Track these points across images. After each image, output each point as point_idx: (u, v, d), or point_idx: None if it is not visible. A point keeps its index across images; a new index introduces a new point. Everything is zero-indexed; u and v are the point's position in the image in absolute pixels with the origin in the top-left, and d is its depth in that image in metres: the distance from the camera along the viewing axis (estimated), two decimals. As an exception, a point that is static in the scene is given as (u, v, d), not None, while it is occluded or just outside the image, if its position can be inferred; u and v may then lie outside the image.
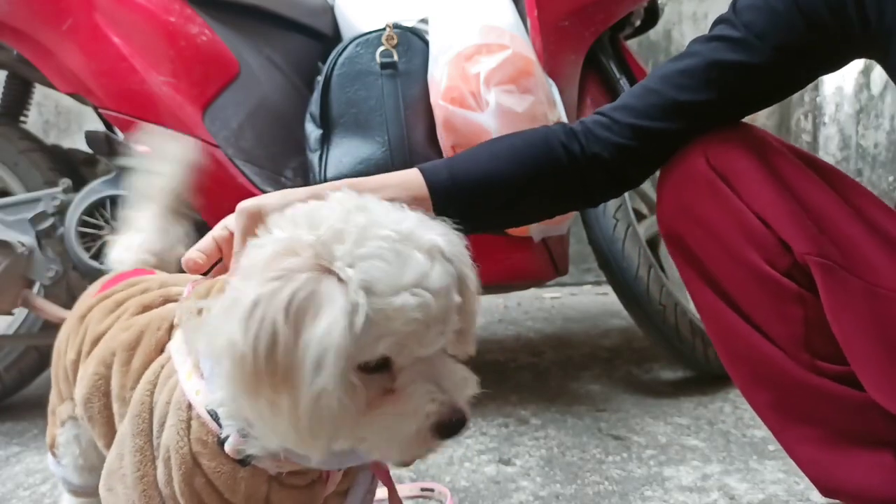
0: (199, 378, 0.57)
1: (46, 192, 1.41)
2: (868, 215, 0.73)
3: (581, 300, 2.73)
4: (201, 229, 0.78)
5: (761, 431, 1.33)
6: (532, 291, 2.79)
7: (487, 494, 1.11)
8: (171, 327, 0.65)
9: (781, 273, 0.73)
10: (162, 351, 0.64)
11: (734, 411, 1.44)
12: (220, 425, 0.55)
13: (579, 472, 1.18)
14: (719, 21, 0.80)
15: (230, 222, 0.65)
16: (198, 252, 0.65)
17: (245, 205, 0.64)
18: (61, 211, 1.38)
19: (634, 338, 2.03)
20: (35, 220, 1.39)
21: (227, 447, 0.55)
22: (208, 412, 0.56)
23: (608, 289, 1.67)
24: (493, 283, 1.49)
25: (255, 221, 0.61)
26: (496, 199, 0.78)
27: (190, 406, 0.56)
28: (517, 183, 0.78)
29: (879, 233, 0.72)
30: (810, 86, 2.78)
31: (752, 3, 0.78)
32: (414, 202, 0.70)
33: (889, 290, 0.69)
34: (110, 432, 0.66)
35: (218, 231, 0.66)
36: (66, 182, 1.41)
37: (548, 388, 1.64)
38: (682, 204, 0.78)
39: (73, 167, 1.55)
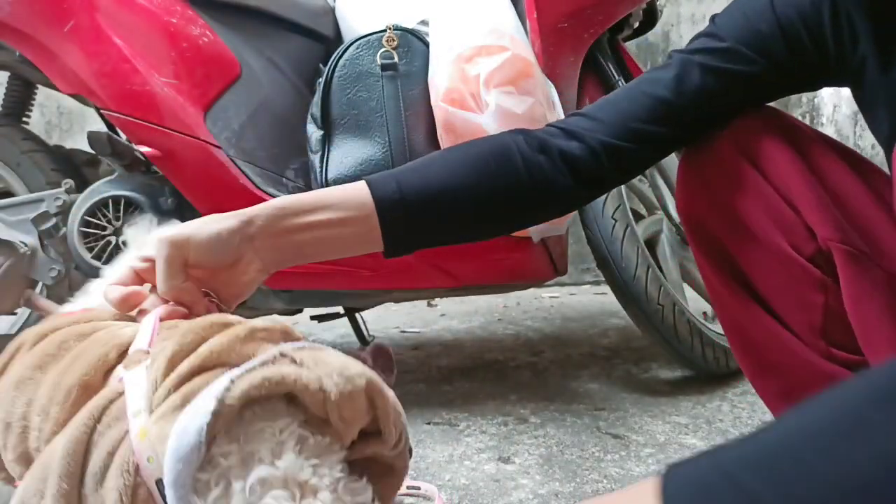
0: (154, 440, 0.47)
1: (49, 193, 1.42)
2: None
3: (580, 300, 2.74)
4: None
5: (759, 430, 1.34)
6: (531, 291, 2.80)
7: (487, 492, 1.12)
8: (124, 352, 0.54)
9: (806, 259, 0.74)
10: (107, 374, 0.54)
11: (732, 410, 1.45)
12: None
13: (578, 471, 1.19)
14: (700, 36, 0.80)
15: (148, 251, 0.63)
16: (118, 287, 0.62)
17: (168, 234, 0.61)
18: (64, 211, 1.39)
19: (633, 337, 2.04)
20: (37, 221, 1.39)
21: None
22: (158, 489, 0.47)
23: (607, 289, 1.68)
24: (493, 283, 1.51)
25: (182, 251, 0.61)
26: (449, 216, 0.74)
27: (139, 470, 0.48)
28: (472, 198, 0.74)
29: None
30: (808, 86, 2.79)
31: (733, 23, 0.78)
32: (359, 223, 0.69)
33: None
34: (24, 452, 0.55)
35: (135, 262, 0.63)
36: (68, 182, 1.42)
37: (547, 386, 1.65)
38: (706, 185, 0.78)
39: (75, 168, 1.56)
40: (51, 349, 0.57)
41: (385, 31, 1.36)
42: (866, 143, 2.48)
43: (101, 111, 1.36)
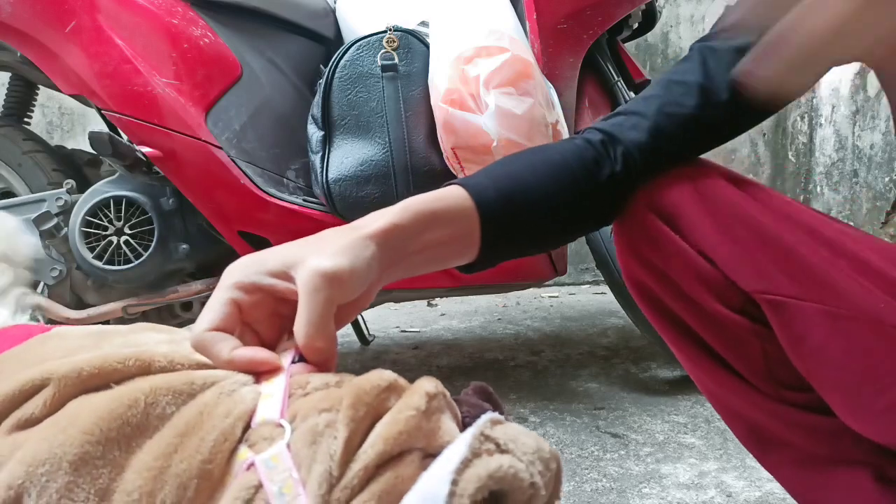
0: None
1: (50, 193, 1.42)
2: (823, 235, 0.71)
3: (579, 299, 2.74)
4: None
5: (757, 429, 1.35)
6: (531, 291, 2.81)
7: (487, 491, 1.13)
8: (247, 425, 0.39)
9: (736, 310, 0.72)
10: (232, 452, 0.38)
11: (730, 409, 1.46)
12: None
13: (577, 470, 1.20)
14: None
15: (247, 276, 0.49)
16: (227, 340, 0.45)
17: (324, 267, 0.47)
18: (65, 211, 1.40)
19: (632, 337, 2.04)
20: (39, 221, 1.40)
21: None
22: None
23: (606, 288, 1.68)
24: (493, 283, 1.51)
25: (342, 292, 0.48)
26: (548, 228, 0.73)
27: None
28: (563, 207, 0.73)
29: (836, 252, 0.70)
30: (807, 87, 2.79)
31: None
32: (463, 237, 0.66)
33: (849, 311, 0.67)
34: None
35: (234, 293, 0.48)
36: (69, 183, 1.42)
37: (546, 386, 1.65)
38: (635, 251, 0.77)
39: (76, 168, 1.57)
40: (133, 415, 0.39)
41: (385, 32, 1.36)
42: (865, 144, 2.48)
43: (103, 112, 1.37)
